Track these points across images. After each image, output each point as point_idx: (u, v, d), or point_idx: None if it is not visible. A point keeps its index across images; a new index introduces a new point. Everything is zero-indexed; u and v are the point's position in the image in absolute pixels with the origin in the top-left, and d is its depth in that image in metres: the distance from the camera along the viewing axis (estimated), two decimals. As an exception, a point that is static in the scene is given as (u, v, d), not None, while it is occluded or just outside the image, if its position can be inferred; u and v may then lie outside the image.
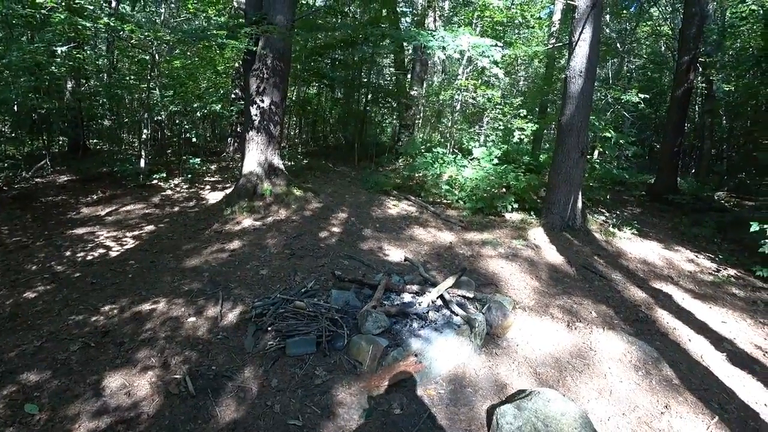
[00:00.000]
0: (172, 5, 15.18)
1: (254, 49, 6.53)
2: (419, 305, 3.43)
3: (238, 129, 10.26)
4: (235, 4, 10.03)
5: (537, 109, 11.24)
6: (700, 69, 10.14)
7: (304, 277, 4.24)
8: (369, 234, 5.86)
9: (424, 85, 12.21)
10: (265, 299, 3.57)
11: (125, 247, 5.14)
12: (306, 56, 11.38)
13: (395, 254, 5.21)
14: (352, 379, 2.85)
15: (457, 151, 9.66)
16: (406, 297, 3.59)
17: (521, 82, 15.05)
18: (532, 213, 7.12)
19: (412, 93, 11.94)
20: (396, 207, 7.33)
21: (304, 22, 9.65)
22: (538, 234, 6.19)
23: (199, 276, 4.28)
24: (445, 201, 7.74)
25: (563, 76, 7.03)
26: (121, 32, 7.07)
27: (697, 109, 13.10)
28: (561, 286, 4.62)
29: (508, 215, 7.11)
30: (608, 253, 5.86)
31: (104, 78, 11.21)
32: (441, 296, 3.54)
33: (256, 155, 6.58)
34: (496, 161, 8.04)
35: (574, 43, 6.20)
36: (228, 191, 7.08)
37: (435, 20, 11.95)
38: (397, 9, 12.67)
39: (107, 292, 3.94)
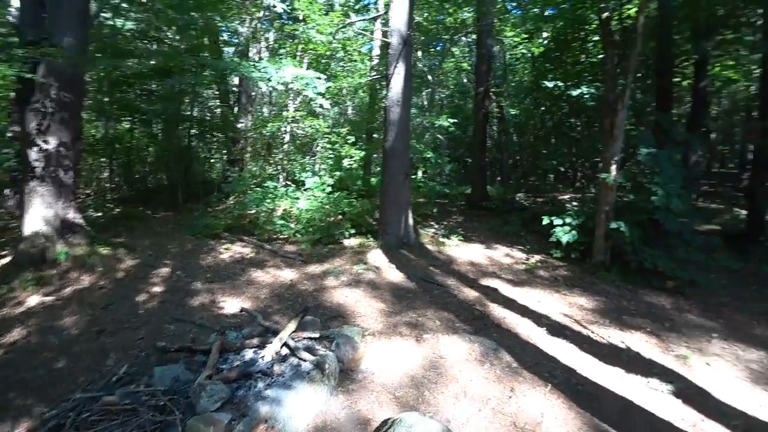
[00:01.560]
0: None
1: (31, 76, 5.25)
2: (262, 360, 3.10)
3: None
4: (10, 18, 8.08)
5: (364, 135, 11.94)
6: (493, 97, 12.28)
7: (119, 359, 3.45)
8: (199, 287, 5.20)
9: (250, 117, 11.77)
10: (62, 404, 2.75)
11: None
12: (111, 86, 9.85)
13: (232, 305, 4.71)
14: (189, 473, 2.36)
15: (289, 183, 9.49)
16: (247, 354, 3.21)
17: (349, 111, 15.87)
18: (369, 236, 7.29)
19: (239, 126, 11.41)
20: (228, 251, 6.73)
21: (107, 45, 8.34)
22: (377, 256, 6.39)
23: (-49, 394, 3.09)
24: (282, 237, 7.38)
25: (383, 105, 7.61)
26: None
27: (495, 128, 15.81)
28: (405, 302, 4.82)
29: (346, 242, 7.16)
30: (442, 262, 6.43)
31: None
32: (285, 344, 3.27)
33: (41, 210, 5.24)
34: (329, 190, 8.14)
35: (390, 76, 6.79)
36: (5, 261, 5.46)
37: (260, 52, 11.75)
38: (220, 38, 12.07)
39: None
